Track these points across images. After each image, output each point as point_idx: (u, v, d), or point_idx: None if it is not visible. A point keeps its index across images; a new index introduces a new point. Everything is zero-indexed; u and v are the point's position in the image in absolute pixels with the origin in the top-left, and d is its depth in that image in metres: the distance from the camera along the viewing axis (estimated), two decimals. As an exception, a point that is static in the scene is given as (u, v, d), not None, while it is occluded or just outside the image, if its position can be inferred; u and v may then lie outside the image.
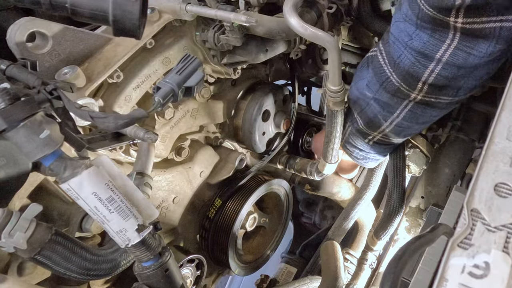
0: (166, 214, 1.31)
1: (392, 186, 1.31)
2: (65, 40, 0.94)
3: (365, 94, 1.05)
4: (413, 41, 0.88)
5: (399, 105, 1.00)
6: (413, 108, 1.00)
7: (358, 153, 1.23)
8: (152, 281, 0.84)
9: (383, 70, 0.98)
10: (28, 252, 0.73)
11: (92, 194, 0.71)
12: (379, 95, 1.02)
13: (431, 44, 0.86)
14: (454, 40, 0.83)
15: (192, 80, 0.81)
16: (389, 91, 0.99)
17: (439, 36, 0.85)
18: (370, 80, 1.02)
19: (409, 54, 0.90)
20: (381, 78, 0.99)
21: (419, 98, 0.96)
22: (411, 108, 1.00)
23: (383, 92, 1.00)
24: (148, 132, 0.89)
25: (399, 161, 1.29)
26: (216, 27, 1.14)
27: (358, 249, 1.65)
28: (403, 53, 0.91)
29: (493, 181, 0.52)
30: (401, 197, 1.32)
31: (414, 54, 0.89)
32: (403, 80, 0.94)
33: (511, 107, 0.59)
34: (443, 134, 1.78)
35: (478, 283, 0.45)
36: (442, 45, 0.85)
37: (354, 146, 1.21)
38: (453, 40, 0.83)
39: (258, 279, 1.68)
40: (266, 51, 1.20)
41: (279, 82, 1.61)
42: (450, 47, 0.84)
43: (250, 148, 1.46)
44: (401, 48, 0.91)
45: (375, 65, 1.01)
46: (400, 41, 0.91)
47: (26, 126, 0.66)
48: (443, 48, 0.85)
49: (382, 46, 1.01)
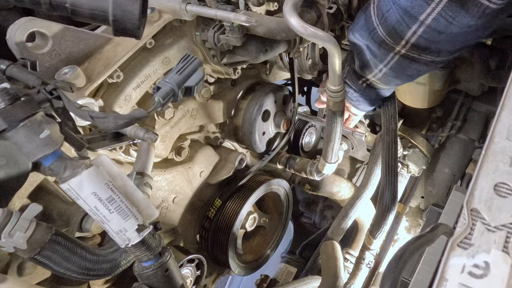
0: (166, 214, 1.31)
1: (384, 184, 1.31)
2: (65, 40, 0.94)
3: (359, 38, 1.08)
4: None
5: (385, 56, 1.04)
6: (399, 61, 1.03)
7: (352, 94, 1.25)
8: (152, 281, 0.84)
9: (371, 20, 1.01)
10: (28, 252, 0.73)
11: (92, 194, 0.71)
12: (369, 43, 1.05)
13: (417, 5, 0.88)
14: (439, 4, 0.85)
15: (192, 80, 0.81)
16: (376, 41, 1.02)
17: None
18: (361, 27, 1.05)
19: (396, 11, 0.92)
20: (369, 27, 1.02)
21: (403, 52, 0.99)
22: (397, 60, 1.03)
23: (371, 41, 1.03)
24: (148, 132, 0.89)
25: (391, 159, 1.29)
26: (216, 27, 1.14)
27: (358, 248, 1.65)
28: (391, 7, 0.93)
29: (493, 181, 0.52)
30: (393, 195, 1.32)
31: (400, 11, 0.92)
32: (388, 34, 0.97)
33: (511, 107, 0.59)
34: (443, 134, 1.78)
35: (478, 283, 0.45)
36: (427, 8, 0.87)
37: (350, 86, 1.23)
38: (438, 4, 0.85)
39: (258, 279, 1.68)
40: (266, 51, 1.20)
41: (279, 82, 1.61)
42: (434, 11, 0.87)
43: (250, 148, 1.46)
44: (390, 3, 0.94)
45: (366, 14, 1.03)
46: None
47: (26, 126, 0.66)
48: (427, 11, 0.87)
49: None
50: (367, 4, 1.06)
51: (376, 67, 1.10)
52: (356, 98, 1.26)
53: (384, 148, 1.30)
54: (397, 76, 1.11)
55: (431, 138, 1.81)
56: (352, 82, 1.21)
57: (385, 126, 1.31)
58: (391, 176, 1.30)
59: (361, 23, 1.05)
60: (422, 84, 1.50)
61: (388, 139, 1.30)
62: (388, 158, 1.30)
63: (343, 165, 2.09)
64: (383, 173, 1.32)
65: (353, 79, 1.20)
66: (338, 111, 1.15)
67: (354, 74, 1.19)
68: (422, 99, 1.61)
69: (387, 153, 1.30)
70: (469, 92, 1.65)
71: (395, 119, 1.30)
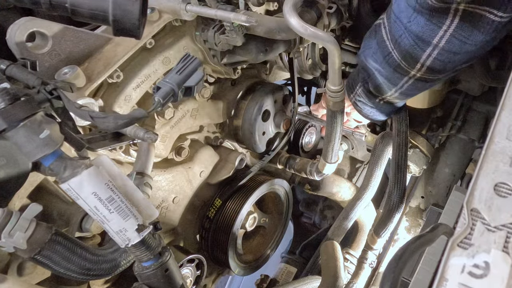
0: (166, 214, 1.31)
1: (393, 182, 1.32)
2: (65, 40, 0.94)
3: (371, 63, 1.09)
4: (411, 24, 0.91)
5: (400, 79, 1.05)
6: (414, 83, 1.04)
7: (368, 110, 1.27)
8: (152, 281, 0.84)
9: (385, 44, 1.01)
10: (28, 252, 0.73)
11: (92, 194, 0.71)
12: (383, 67, 1.05)
13: (428, 29, 0.89)
14: (450, 26, 0.86)
15: (192, 80, 0.81)
16: (391, 65, 1.02)
17: (437, 21, 0.87)
18: (375, 52, 1.06)
19: (409, 36, 0.93)
20: (384, 51, 1.03)
21: (418, 75, 1.00)
22: (412, 83, 1.04)
23: (386, 65, 1.04)
24: (148, 132, 0.89)
25: (401, 158, 1.31)
26: (216, 27, 1.14)
27: (358, 249, 1.65)
28: (403, 33, 0.94)
29: (493, 181, 0.52)
30: (402, 194, 1.33)
31: (412, 36, 0.92)
32: (403, 58, 0.98)
33: (511, 107, 0.59)
34: (443, 134, 1.78)
35: (478, 283, 0.45)
36: (438, 31, 0.88)
37: (365, 103, 1.25)
38: (450, 26, 0.86)
39: (258, 279, 1.68)
40: (266, 51, 1.20)
41: (279, 82, 1.61)
42: (446, 34, 0.87)
43: (250, 148, 1.46)
44: (402, 29, 0.94)
45: (379, 38, 1.04)
46: (401, 21, 0.93)
47: (26, 126, 0.66)
48: (439, 34, 0.88)
49: (386, 20, 1.03)
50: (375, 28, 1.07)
51: (389, 89, 1.12)
52: (373, 113, 1.28)
53: (395, 148, 1.34)
54: (412, 94, 1.13)
55: (431, 138, 1.81)
56: (368, 100, 1.23)
57: (396, 128, 1.35)
58: (400, 174, 1.32)
59: (374, 48, 1.05)
60: (422, 84, 1.50)
61: (399, 140, 1.34)
62: (398, 158, 1.32)
63: (343, 165, 2.09)
64: (392, 172, 1.33)
65: (369, 98, 1.22)
66: (338, 111, 1.15)
67: (370, 94, 1.21)
68: (422, 99, 1.61)
69: (398, 154, 1.33)
70: (469, 92, 1.65)
71: (406, 122, 1.35)
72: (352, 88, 1.25)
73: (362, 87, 1.22)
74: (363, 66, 1.16)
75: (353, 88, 1.25)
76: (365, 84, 1.20)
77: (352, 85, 1.25)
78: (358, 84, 1.23)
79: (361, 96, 1.24)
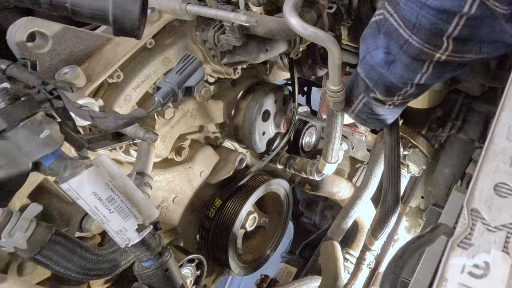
0: (166, 214, 1.31)
1: (388, 185, 1.30)
2: (65, 40, 0.94)
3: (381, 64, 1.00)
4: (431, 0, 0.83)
5: (420, 68, 0.96)
6: (435, 69, 0.96)
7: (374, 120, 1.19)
8: (152, 281, 0.84)
9: (399, 33, 0.93)
10: (28, 252, 0.73)
11: (92, 194, 0.71)
12: (399, 59, 0.96)
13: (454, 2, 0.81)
14: None
15: (192, 80, 0.81)
16: (410, 54, 0.93)
17: None
18: (387, 47, 0.97)
19: (427, 14, 0.85)
20: (399, 42, 0.94)
21: (443, 58, 0.92)
22: (433, 69, 0.96)
23: (403, 56, 0.95)
24: (148, 132, 0.89)
25: (394, 161, 1.29)
26: (216, 27, 1.14)
27: (358, 249, 1.65)
28: (419, 13, 0.86)
29: (493, 181, 0.52)
30: (396, 197, 1.31)
31: (433, 12, 0.84)
32: (426, 40, 0.90)
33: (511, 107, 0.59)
34: (443, 134, 1.78)
35: (478, 283, 0.45)
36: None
37: (373, 113, 1.16)
38: None
39: (258, 279, 1.68)
40: (266, 51, 1.19)
41: (279, 82, 1.61)
42: (475, 2, 0.80)
43: (250, 148, 1.46)
44: (416, 9, 0.86)
45: (388, 30, 0.95)
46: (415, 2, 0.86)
47: (26, 126, 0.66)
48: (468, 2, 0.80)
49: (391, 8, 0.94)
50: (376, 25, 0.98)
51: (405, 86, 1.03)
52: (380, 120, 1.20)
53: (387, 149, 1.29)
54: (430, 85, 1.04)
55: (431, 138, 1.81)
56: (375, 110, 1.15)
57: (388, 128, 1.30)
58: (394, 177, 1.29)
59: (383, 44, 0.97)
60: (422, 84, 1.50)
61: (390, 140, 1.29)
62: (391, 159, 1.29)
63: (343, 165, 2.09)
64: (386, 174, 1.31)
65: (377, 106, 1.14)
66: (338, 111, 1.15)
67: (378, 102, 1.13)
68: (422, 99, 1.61)
69: (390, 155, 1.29)
70: (469, 92, 1.65)
71: (397, 121, 1.30)
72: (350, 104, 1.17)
73: (366, 98, 1.14)
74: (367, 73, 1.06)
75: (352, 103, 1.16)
76: (371, 93, 1.11)
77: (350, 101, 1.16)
78: (359, 97, 1.15)
79: (367, 107, 1.15)
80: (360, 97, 1.14)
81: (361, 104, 1.15)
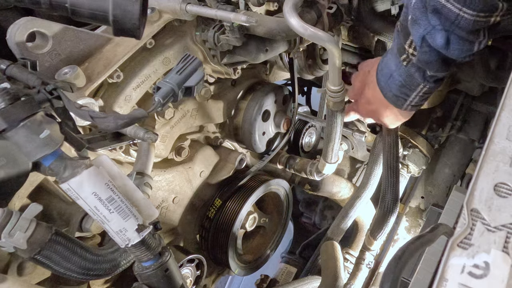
0: (166, 214, 1.31)
1: (386, 185, 1.30)
2: (65, 40, 0.94)
3: (440, 43, 0.92)
4: None
5: (477, 37, 0.90)
6: (491, 31, 0.90)
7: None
8: (152, 281, 0.84)
9: (448, 9, 0.87)
10: (28, 252, 0.73)
11: (92, 194, 0.71)
12: (454, 33, 0.89)
13: None
14: None
15: (192, 80, 0.81)
16: (464, 28, 0.87)
17: None
18: (440, 23, 0.89)
19: None
20: (449, 18, 0.88)
21: (498, 19, 0.86)
22: (489, 33, 0.90)
23: (457, 30, 0.88)
24: (148, 132, 0.89)
25: (393, 160, 1.28)
26: (216, 27, 1.14)
27: (358, 248, 1.65)
28: None
29: (493, 181, 0.52)
30: (395, 197, 1.31)
31: None
32: (480, 9, 0.84)
33: (511, 107, 0.59)
34: (443, 134, 1.78)
35: (478, 283, 0.45)
36: None
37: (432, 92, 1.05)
38: None
39: (258, 279, 1.68)
40: (266, 51, 1.20)
41: (279, 82, 1.61)
42: None
43: (250, 148, 1.46)
44: None
45: (435, 7, 0.88)
46: None
47: (26, 126, 0.67)
48: None
49: None
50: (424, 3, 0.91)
51: (464, 58, 0.95)
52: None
53: (385, 149, 1.29)
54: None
55: (431, 138, 1.81)
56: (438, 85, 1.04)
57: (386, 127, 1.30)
58: (392, 177, 1.29)
59: (437, 21, 0.89)
60: (422, 84, 1.50)
61: (389, 140, 1.28)
62: (390, 159, 1.29)
63: (343, 165, 2.09)
64: (384, 174, 1.31)
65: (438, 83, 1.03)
66: (338, 111, 1.15)
67: (439, 81, 1.02)
68: (422, 99, 1.61)
69: (388, 155, 1.29)
70: (469, 92, 1.65)
71: None
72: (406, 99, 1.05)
73: (428, 86, 1.03)
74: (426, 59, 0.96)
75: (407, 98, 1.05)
76: (429, 80, 1.01)
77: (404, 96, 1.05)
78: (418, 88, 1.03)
79: (425, 95, 1.05)
80: (419, 88, 1.04)
81: (421, 93, 1.05)
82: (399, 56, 1.01)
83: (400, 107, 1.09)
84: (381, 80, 1.07)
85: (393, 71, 1.04)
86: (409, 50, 0.98)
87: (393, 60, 1.03)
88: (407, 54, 0.99)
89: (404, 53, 0.99)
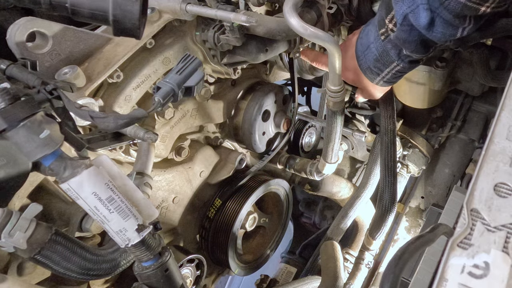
0: (166, 214, 1.31)
1: (384, 185, 1.30)
2: (65, 40, 0.94)
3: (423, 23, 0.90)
4: None
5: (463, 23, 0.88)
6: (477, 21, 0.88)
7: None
8: (152, 281, 0.84)
9: None
10: (28, 252, 0.73)
11: (92, 194, 0.71)
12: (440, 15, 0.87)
13: None
14: None
15: (192, 80, 0.81)
16: (451, 11, 0.85)
17: None
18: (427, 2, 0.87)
19: None
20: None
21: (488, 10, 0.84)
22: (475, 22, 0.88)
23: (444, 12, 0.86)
24: (148, 132, 0.89)
25: (390, 160, 1.29)
26: (216, 27, 1.14)
27: (358, 248, 1.65)
28: None
29: (493, 181, 0.52)
30: (393, 196, 1.32)
31: None
32: None
33: (511, 107, 0.59)
34: (443, 134, 1.78)
35: (478, 283, 0.45)
36: None
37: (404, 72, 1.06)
38: None
39: (258, 279, 1.68)
40: (266, 51, 1.19)
41: (279, 82, 1.61)
42: None
43: (250, 148, 1.46)
44: None
45: None
46: None
47: (26, 126, 0.66)
48: None
49: None
50: None
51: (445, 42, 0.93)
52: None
53: (383, 149, 1.29)
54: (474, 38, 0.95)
55: (431, 138, 1.81)
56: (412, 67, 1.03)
57: (384, 126, 1.29)
58: (390, 177, 1.29)
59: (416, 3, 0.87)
60: (422, 84, 1.50)
61: (386, 139, 1.29)
62: (387, 159, 1.29)
63: (343, 165, 2.09)
64: (382, 174, 1.32)
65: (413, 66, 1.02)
66: (338, 111, 1.15)
67: (414, 63, 1.01)
68: (422, 99, 1.61)
69: (386, 154, 1.29)
70: (469, 92, 1.65)
71: (394, 120, 1.29)
72: (378, 73, 1.04)
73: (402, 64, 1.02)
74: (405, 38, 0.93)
75: (380, 73, 1.04)
76: (405, 59, 1.01)
77: (378, 71, 1.04)
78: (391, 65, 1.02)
79: (398, 73, 1.03)
80: (392, 65, 1.03)
81: (394, 71, 1.04)
82: (378, 29, 0.98)
83: (372, 81, 1.08)
84: (359, 50, 1.06)
85: (370, 42, 1.02)
86: (389, 25, 0.96)
87: (373, 32, 1.01)
88: (386, 28, 0.96)
89: (384, 27, 0.97)
